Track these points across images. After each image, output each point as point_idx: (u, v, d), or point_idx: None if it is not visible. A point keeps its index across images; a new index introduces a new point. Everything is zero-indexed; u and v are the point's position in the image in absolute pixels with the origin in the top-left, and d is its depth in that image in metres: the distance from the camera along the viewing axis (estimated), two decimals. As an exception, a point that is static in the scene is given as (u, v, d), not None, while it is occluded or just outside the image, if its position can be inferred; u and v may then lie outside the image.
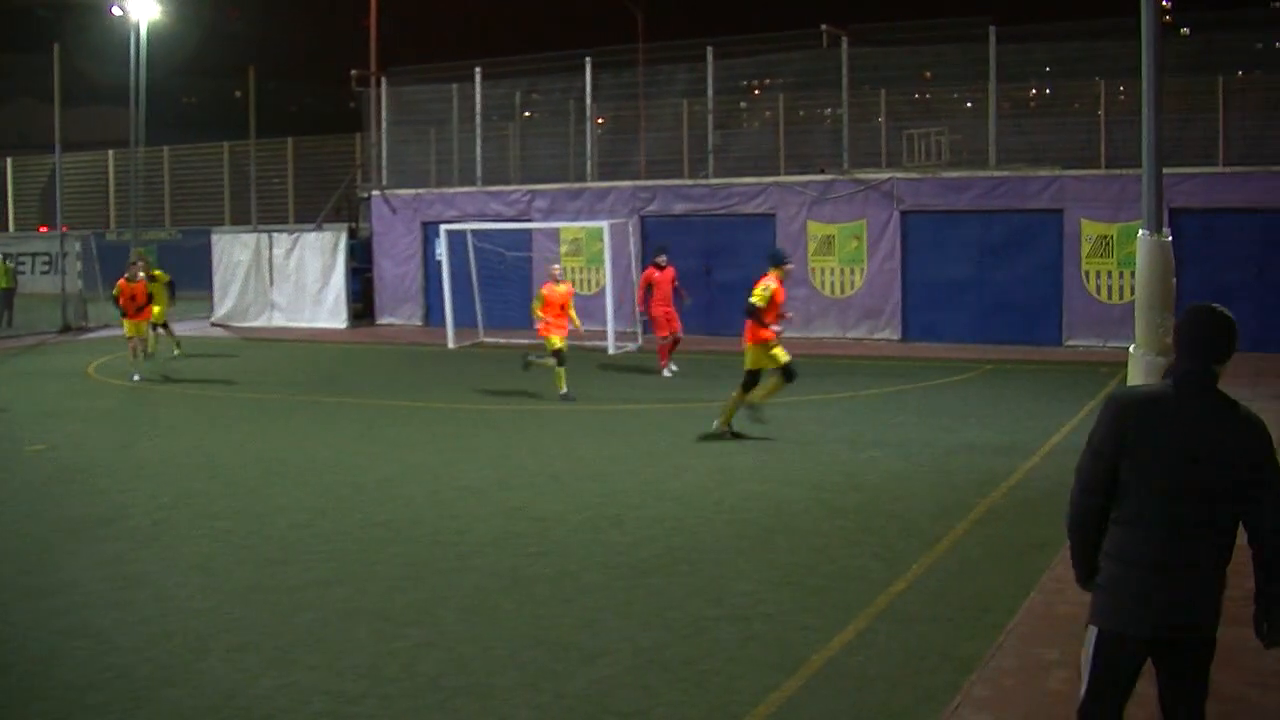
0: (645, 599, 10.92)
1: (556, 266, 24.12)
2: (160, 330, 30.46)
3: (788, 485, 15.44)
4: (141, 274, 26.95)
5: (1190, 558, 5.80)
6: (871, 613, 10.39)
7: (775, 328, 18.69)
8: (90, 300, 39.25)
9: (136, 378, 26.09)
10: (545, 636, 9.98)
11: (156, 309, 28.59)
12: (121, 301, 26.62)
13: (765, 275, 18.78)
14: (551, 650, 9.65)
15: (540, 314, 23.02)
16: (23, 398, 24.53)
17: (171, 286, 30.61)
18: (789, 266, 19.43)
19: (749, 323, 18.67)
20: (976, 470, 16.20)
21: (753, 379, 18.72)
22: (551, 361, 22.94)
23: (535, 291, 23.80)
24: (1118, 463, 5.89)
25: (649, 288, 26.44)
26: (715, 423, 18.98)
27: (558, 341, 22.78)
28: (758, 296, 18.48)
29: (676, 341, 26.32)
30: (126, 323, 26.81)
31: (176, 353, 30.60)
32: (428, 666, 9.36)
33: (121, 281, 26.73)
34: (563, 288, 23.27)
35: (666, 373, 25.89)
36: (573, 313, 23.43)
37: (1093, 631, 6.04)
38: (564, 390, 22.63)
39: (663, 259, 26.52)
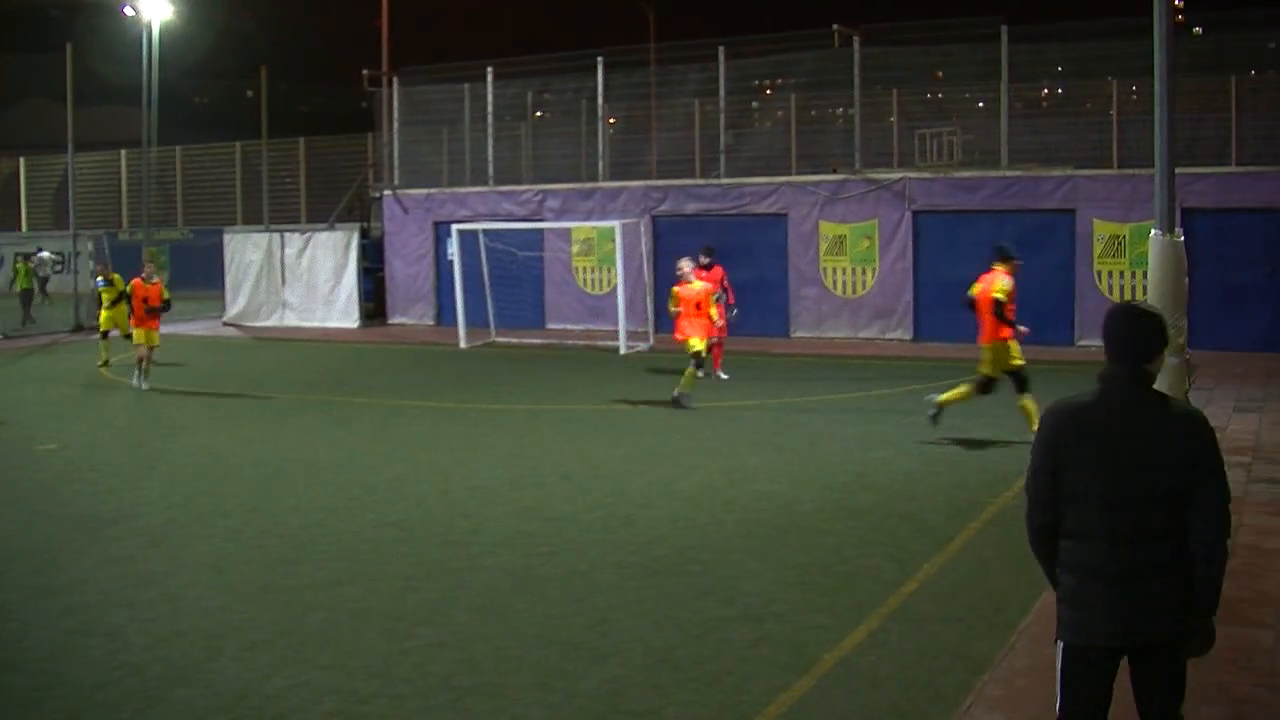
0: (656, 599, 10.91)
1: (686, 263, 22.19)
2: (105, 337, 28.95)
3: (799, 485, 15.42)
4: (156, 277, 25.73)
5: (1139, 566, 5.69)
6: (883, 612, 10.38)
7: (1022, 328, 17.94)
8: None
9: (144, 386, 24.87)
10: (557, 636, 9.97)
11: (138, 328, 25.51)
12: (134, 302, 25.31)
13: (992, 270, 18.01)
14: (563, 650, 9.65)
15: (677, 311, 21.68)
16: (34, 397, 24.59)
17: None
18: (1018, 262, 18.34)
19: (990, 320, 17.80)
20: (988, 470, 16.18)
21: (989, 383, 18.24)
22: (691, 369, 21.43)
23: (669, 290, 22.15)
24: (1056, 477, 5.82)
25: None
26: (932, 409, 18.43)
27: (697, 344, 21.36)
28: (1000, 291, 17.59)
29: (719, 345, 24.54)
30: (135, 330, 25.29)
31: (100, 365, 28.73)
32: (439, 666, 9.37)
33: (137, 281, 25.42)
34: (698, 285, 21.76)
35: (723, 374, 24.75)
36: (713, 310, 21.92)
37: (1059, 646, 5.98)
38: (684, 391, 21.39)
39: (706, 259, 24.92)
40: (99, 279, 27.11)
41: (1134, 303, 6.12)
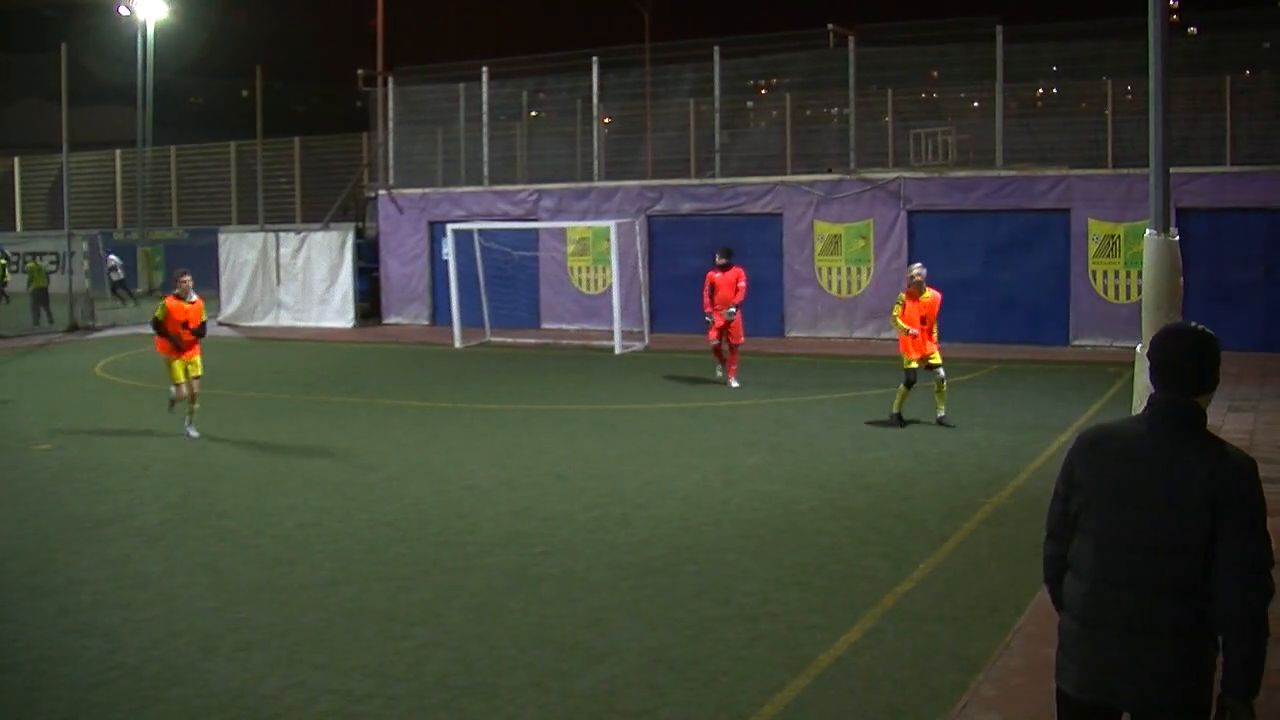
0: (652, 599, 10.92)
1: (917, 268, 19.90)
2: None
3: (794, 485, 15.43)
4: (195, 294, 20.16)
5: (1126, 618, 4.95)
6: (879, 612, 10.39)
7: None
8: (98, 299, 39.28)
9: (194, 433, 19.61)
10: (552, 636, 9.97)
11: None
12: (169, 327, 19.66)
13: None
14: (558, 650, 9.65)
15: (901, 324, 19.41)
16: (30, 397, 24.56)
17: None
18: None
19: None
20: (984, 470, 16.19)
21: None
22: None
23: (896, 296, 20.02)
24: (1066, 504, 5.27)
25: (711, 290, 24.25)
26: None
27: (910, 361, 19.30)
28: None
29: (734, 350, 24.25)
30: (175, 364, 19.72)
31: None
32: (434, 666, 9.37)
33: (170, 300, 19.80)
34: (928, 295, 19.43)
35: (735, 383, 24.00)
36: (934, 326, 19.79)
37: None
38: (895, 410, 19.64)
39: (724, 260, 24.41)
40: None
41: (1184, 324, 5.33)
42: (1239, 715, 4.91)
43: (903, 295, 19.63)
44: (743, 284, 24.39)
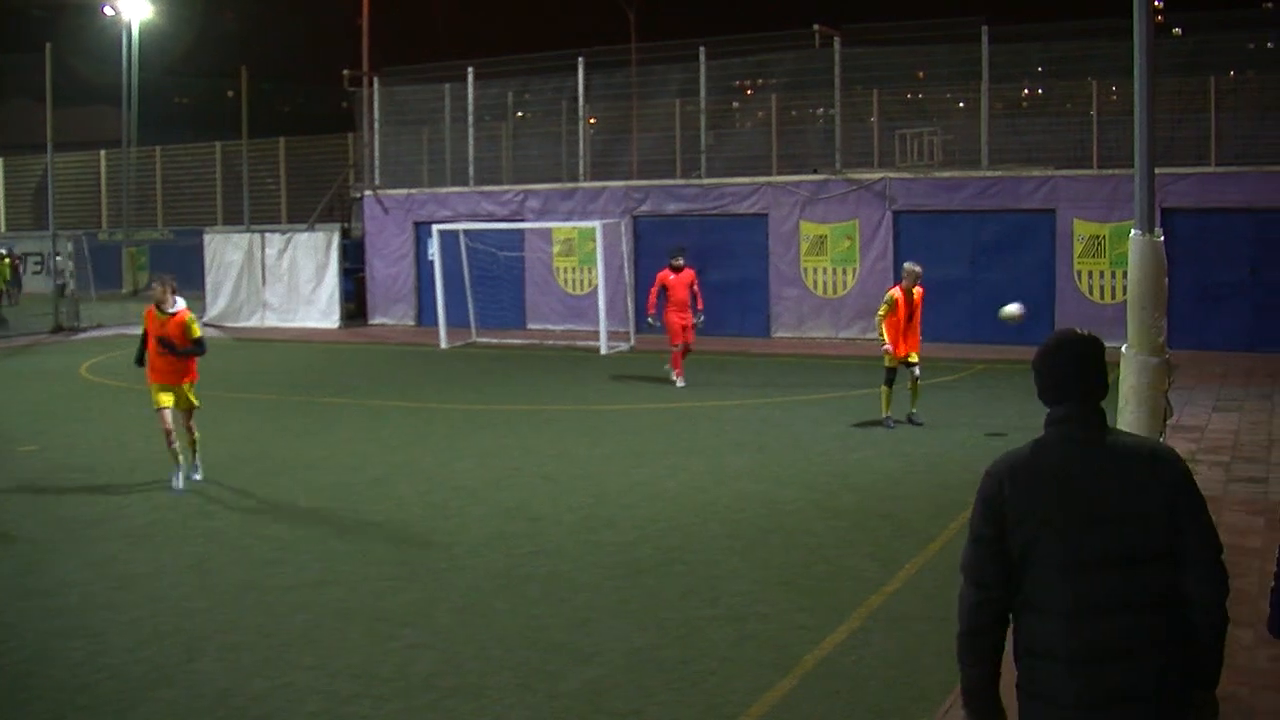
0: (639, 599, 10.93)
1: (913, 265, 20.05)
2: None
3: (781, 485, 15.45)
4: (181, 300, 16.51)
5: (1107, 644, 4.69)
6: (865, 612, 10.41)
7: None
8: (82, 300, 39.18)
9: (181, 483, 15.81)
10: (539, 636, 9.99)
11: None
12: (150, 346, 16.18)
13: None
14: (545, 650, 9.67)
15: (884, 333, 19.45)
16: (15, 398, 24.51)
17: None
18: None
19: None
20: (969, 470, 16.18)
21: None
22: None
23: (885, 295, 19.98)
24: (1004, 545, 4.82)
25: (662, 290, 24.24)
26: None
27: (888, 360, 19.42)
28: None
29: (687, 350, 24.34)
30: (157, 392, 16.07)
31: None
32: (422, 666, 9.38)
33: (150, 311, 16.39)
34: (918, 290, 19.73)
35: (680, 382, 24.13)
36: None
37: None
38: (886, 413, 19.62)
39: (679, 260, 24.26)
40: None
41: (1071, 330, 5.09)
42: (1208, 707, 4.89)
43: (895, 295, 19.49)
44: (697, 286, 24.33)
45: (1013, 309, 18.62)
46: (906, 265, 20.04)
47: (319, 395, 24.25)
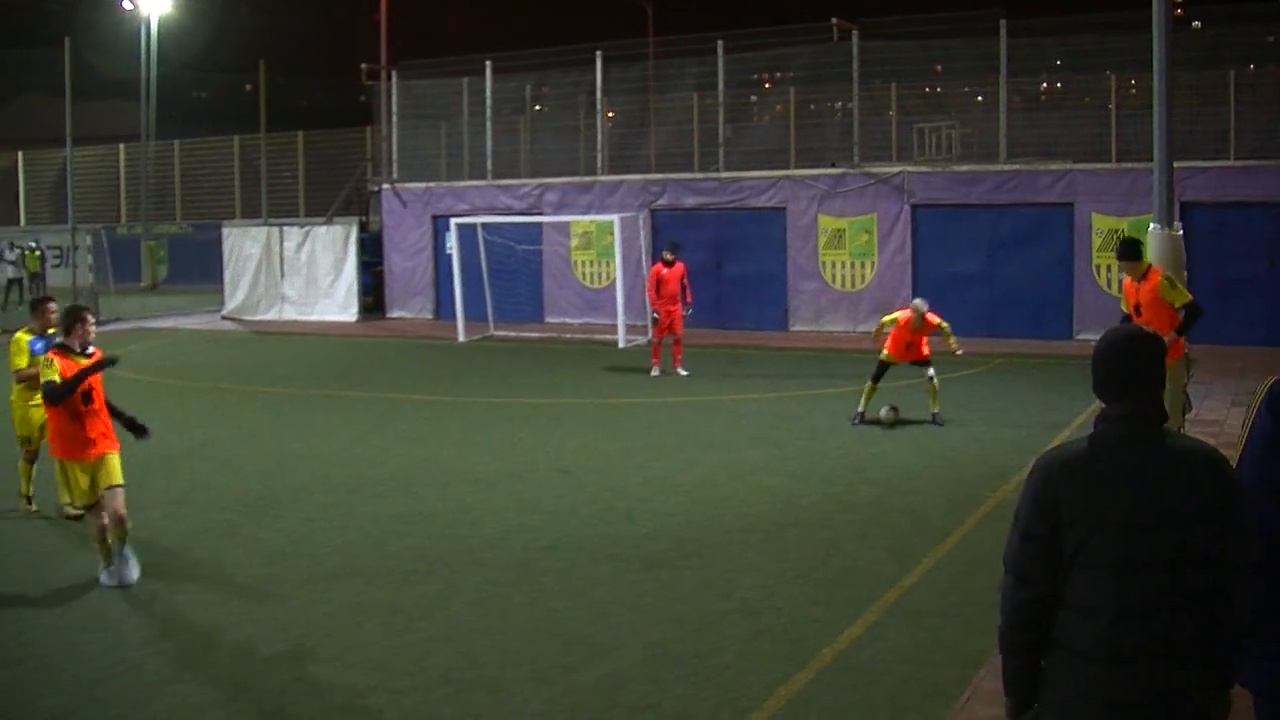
0: (655, 592, 10.94)
1: (920, 302, 19.65)
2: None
3: (797, 479, 15.44)
4: (83, 325, 12.22)
5: (1155, 644, 4.67)
6: (881, 607, 10.40)
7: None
8: (102, 293, 39.31)
9: (108, 580, 11.42)
10: (555, 630, 9.99)
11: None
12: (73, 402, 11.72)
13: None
14: (562, 644, 9.67)
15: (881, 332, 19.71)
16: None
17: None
18: None
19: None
20: (986, 464, 16.20)
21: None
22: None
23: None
24: (1055, 542, 4.78)
25: (657, 284, 24.97)
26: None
27: (887, 356, 19.42)
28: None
29: (677, 342, 24.97)
30: (68, 469, 11.81)
31: None
32: (438, 660, 9.39)
33: (55, 355, 11.89)
34: (924, 321, 19.24)
35: (654, 372, 24.79)
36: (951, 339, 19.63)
37: None
38: (860, 409, 19.39)
39: (669, 255, 25.12)
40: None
41: (1132, 327, 5.10)
42: (1221, 706, 4.89)
43: (898, 318, 19.33)
44: (686, 280, 25.05)
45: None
46: (915, 303, 19.68)
47: (337, 389, 24.28)
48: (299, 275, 39.20)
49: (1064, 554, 4.77)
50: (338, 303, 38.49)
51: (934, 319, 19.21)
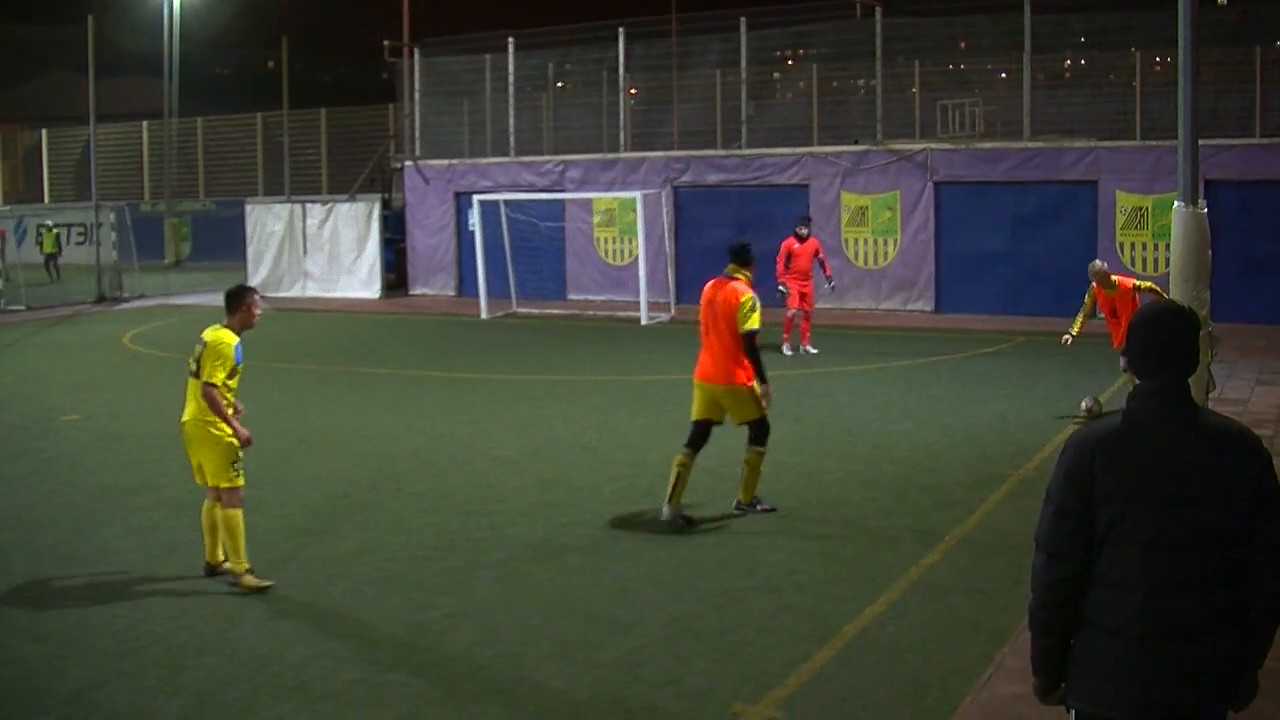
0: (677, 569, 10.95)
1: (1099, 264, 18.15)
2: None
3: (820, 456, 15.44)
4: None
5: (1180, 622, 4.66)
6: (904, 584, 10.40)
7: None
8: (125, 270, 39.43)
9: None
10: (578, 606, 10.02)
11: None
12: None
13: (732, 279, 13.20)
14: (584, 620, 9.69)
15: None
16: (58, 368, 24.66)
17: None
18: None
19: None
20: (1009, 442, 16.17)
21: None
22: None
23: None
24: (1088, 519, 4.77)
25: (788, 258, 24.53)
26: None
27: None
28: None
29: (806, 318, 24.68)
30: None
31: None
32: (461, 636, 9.41)
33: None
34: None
35: (787, 350, 24.44)
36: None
37: (1071, 715, 5.01)
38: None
39: (803, 230, 24.82)
40: None
41: (1171, 303, 5.11)
42: (1250, 686, 4.87)
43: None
44: (823, 255, 25.30)
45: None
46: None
47: (359, 365, 24.32)
48: (322, 252, 39.25)
49: (1097, 531, 4.76)
50: (360, 279, 38.54)
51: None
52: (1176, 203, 14.98)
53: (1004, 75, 33.50)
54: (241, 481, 10.70)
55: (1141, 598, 4.67)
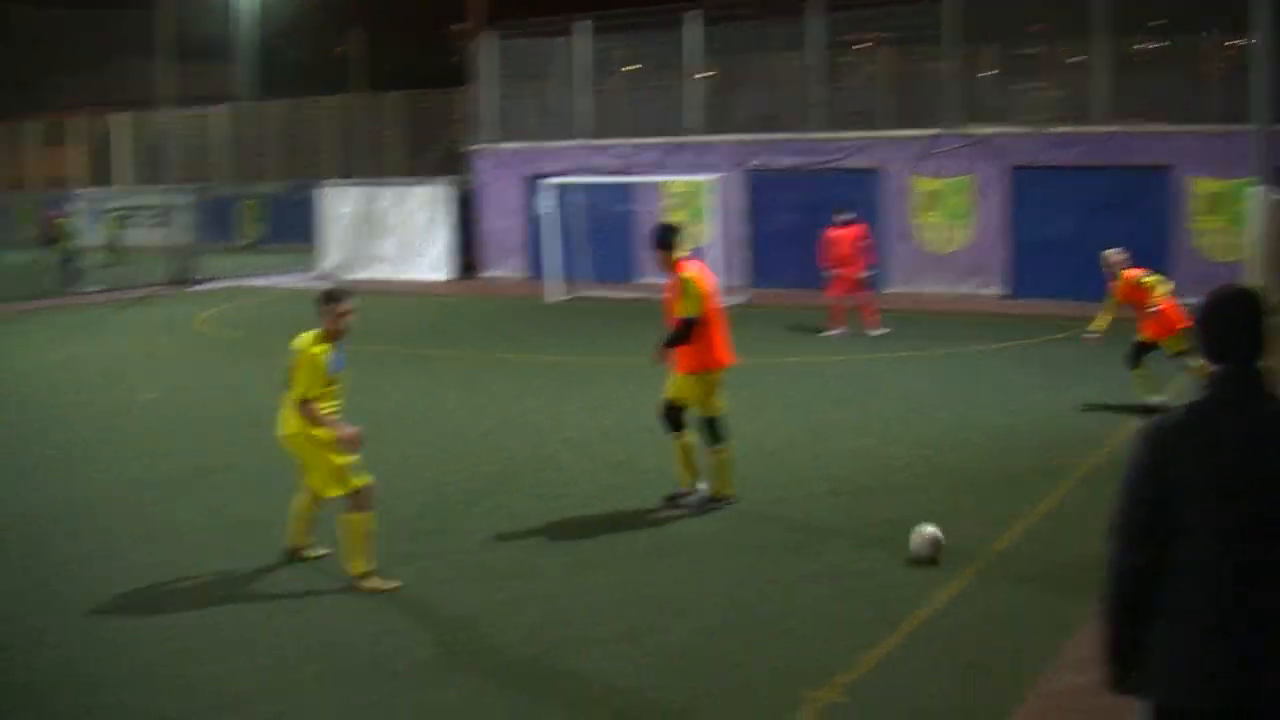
0: (742, 554, 10.97)
1: (1115, 253, 18.70)
2: None
3: (888, 442, 15.39)
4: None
5: (1260, 611, 4.58)
6: (970, 572, 10.36)
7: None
8: (199, 253, 39.82)
9: None
10: (644, 590, 10.05)
11: None
12: None
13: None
14: (650, 604, 9.72)
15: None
16: (135, 348, 24.94)
17: None
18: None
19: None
20: (1081, 429, 16.07)
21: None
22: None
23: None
24: (1162, 507, 4.71)
25: (827, 246, 24.71)
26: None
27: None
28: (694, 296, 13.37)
29: (861, 304, 24.76)
30: None
31: None
32: (528, 618, 9.46)
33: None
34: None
35: (835, 332, 24.56)
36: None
37: (1146, 708, 4.86)
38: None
39: (841, 217, 24.82)
40: None
41: (1237, 286, 4.97)
42: None
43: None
44: (864, 242, 24.85)
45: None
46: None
47: (430, 348, 24.45)
48: (393, 235, 39.47)
49: (1171, 520, 4.71)
50: (431, 262, 38.72)
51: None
52: (1252, 188, 14.85)
53: (1079, 58, 33.20)
54: (360, 483, 10.49)
55: (1227, 586, 4.61)
